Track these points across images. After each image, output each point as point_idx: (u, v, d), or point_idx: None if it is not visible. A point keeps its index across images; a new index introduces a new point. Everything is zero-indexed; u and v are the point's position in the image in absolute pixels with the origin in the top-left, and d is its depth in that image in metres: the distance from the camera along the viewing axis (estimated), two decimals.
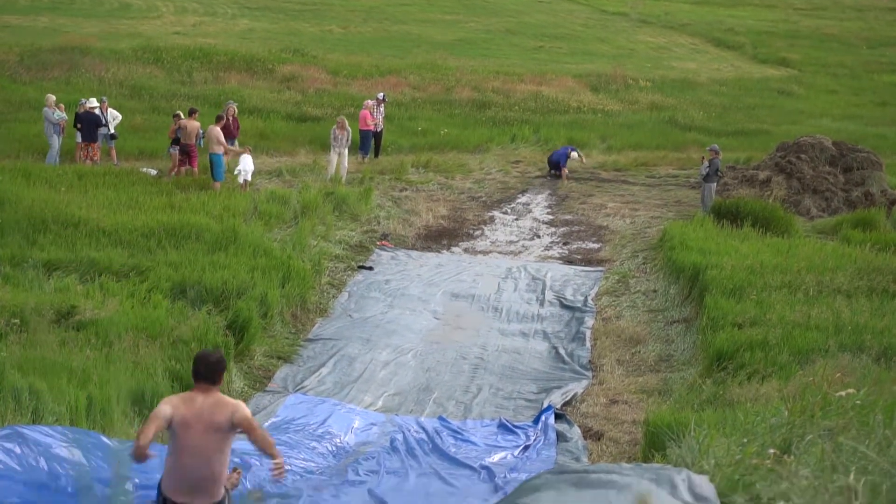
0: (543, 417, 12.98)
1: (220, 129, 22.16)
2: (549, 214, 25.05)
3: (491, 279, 19.60)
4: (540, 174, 28.63)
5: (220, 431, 7.03)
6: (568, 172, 27.93)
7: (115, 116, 25.22)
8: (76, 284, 15.09)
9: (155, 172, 23.25)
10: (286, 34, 47.80)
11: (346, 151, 25.52)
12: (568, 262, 21.28)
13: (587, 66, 45.08)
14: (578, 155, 28.63)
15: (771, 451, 5.14)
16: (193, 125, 22.90)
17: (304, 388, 13.95)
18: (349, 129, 25.60)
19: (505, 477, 10.75)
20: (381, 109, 28.56)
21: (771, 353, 13.68)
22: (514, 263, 20.83)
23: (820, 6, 71.40)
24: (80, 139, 24.24)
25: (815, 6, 71.28)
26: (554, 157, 28.63)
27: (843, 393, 5.83)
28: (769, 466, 4.95)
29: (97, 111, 24.31)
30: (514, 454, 12.13)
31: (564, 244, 22.65)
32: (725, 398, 12.35)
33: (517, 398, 14.27)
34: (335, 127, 25.47)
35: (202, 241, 17.74)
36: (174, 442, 7.07)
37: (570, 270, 20.41)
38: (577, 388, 14.56)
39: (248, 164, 22.44)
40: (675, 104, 38.30)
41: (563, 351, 16.03)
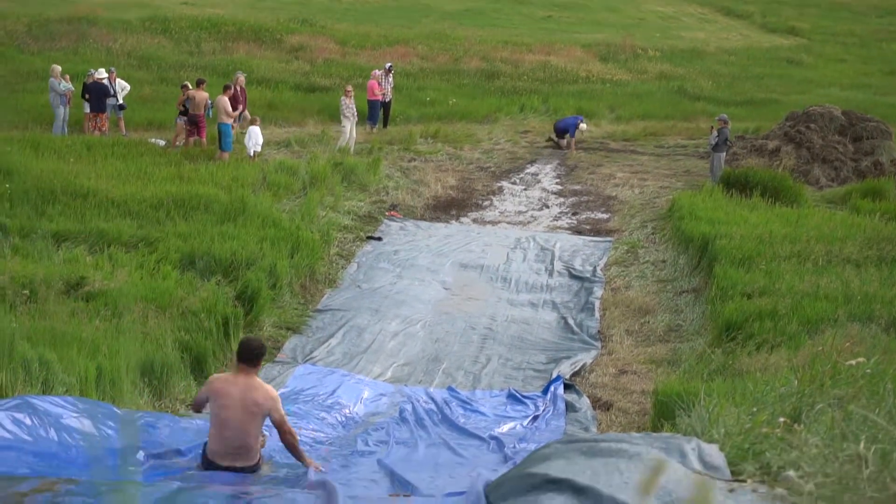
0: (552, 388, 12.96)
1: (227, 98, 22.13)
2: (557, 185, 24.99)
3: (500, 249, 19.60)
4: (547, 144, 28.54)
5: (254, 409, 8.03)
6: (576, 143, 27.87)
7: (123, 86, 25.19)
8: (85, 255, 15.13)
9: (163, 143, 23.24)
10: (295, 4, 47.59)
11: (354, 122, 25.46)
12: (577, 232, 21.26)
13: (596, 35, 44.89)
14: (586, 126, 28.54)
15: (781, 419, 5.13)
16: (202, 95, 22.88)
17: (313, 358, 13.97)
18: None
19: (514, 447, 10.74)
20: (389, 79, 28.47)
21: (780, 322, 13.66)
22: (522, 234, 20.82)
23: None
24: (88, 109, 24.23)
25: None
26: (561, 124, 28.50)
27: (852, 362, 5.81)
28: (779, 435, 4.94)
29: (105, 81, 24.29)
30: (523, 424, 12.10)
31: (573, 214, 22.61)
32: (735, 368, 12.34)
33: (526, 368, 14.29)
34: (345, 97, 25.31)
35: (211, 211, 17.76)
36: (215, 415, 8.09)
37: (578, 241, 20.39)
38: (586, 358, 14.57)
39: (257, 135, 22.41)
40: (683, 74, 38.18)
41: (571, 321, 16.03)
